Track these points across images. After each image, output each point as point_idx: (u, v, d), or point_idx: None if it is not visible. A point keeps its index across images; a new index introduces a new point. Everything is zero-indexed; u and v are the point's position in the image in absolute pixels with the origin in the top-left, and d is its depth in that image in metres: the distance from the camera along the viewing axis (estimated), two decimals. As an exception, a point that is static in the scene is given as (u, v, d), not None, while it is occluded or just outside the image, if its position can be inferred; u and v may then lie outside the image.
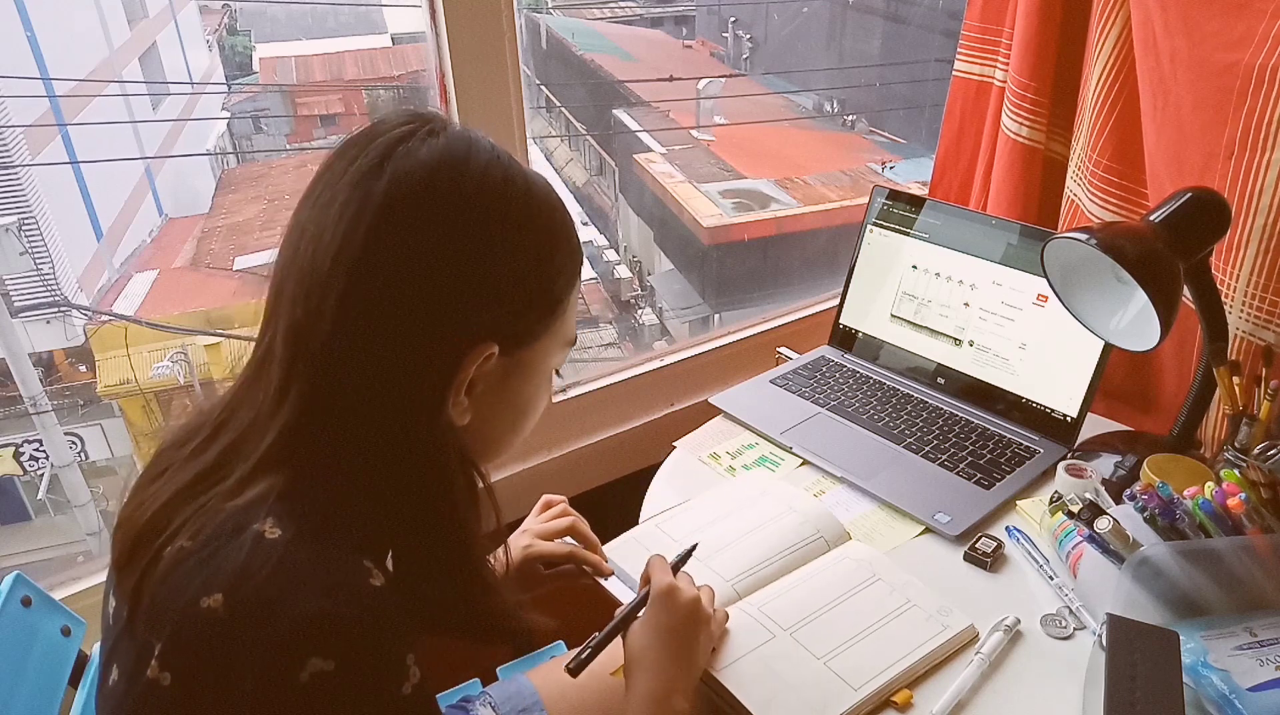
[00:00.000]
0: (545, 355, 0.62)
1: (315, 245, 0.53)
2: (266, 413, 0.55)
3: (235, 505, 0.52)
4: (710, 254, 4.55)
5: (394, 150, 0.54)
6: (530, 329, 0.59)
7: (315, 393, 0.54)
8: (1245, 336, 1.00)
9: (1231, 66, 0.93)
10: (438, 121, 0.57)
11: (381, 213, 0.52)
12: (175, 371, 3.21)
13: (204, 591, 0.49)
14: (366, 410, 0.55)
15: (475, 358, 0.56)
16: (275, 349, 0.55)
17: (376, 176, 0.53)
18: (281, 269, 0.55)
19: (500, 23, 1.04)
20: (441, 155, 0.54)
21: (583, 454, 1.35)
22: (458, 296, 0.54)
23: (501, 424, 0.63)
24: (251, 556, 0.49)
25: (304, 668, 0.48)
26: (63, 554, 3.38)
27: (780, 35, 6.02)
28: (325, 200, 0.54)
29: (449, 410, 0.56)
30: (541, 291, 0.59)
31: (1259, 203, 0.95)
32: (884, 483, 1.03)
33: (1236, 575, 0.78)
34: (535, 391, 0.63)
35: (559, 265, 0.60)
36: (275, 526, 0.51)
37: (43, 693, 0.77)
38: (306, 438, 0.54)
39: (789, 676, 0.78)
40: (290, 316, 0.54)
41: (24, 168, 2.94)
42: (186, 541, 0.51)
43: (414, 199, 0.53)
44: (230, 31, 5.32)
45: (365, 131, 0.56)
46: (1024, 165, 1.26)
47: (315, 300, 0.53)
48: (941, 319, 1.20)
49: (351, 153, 0.55)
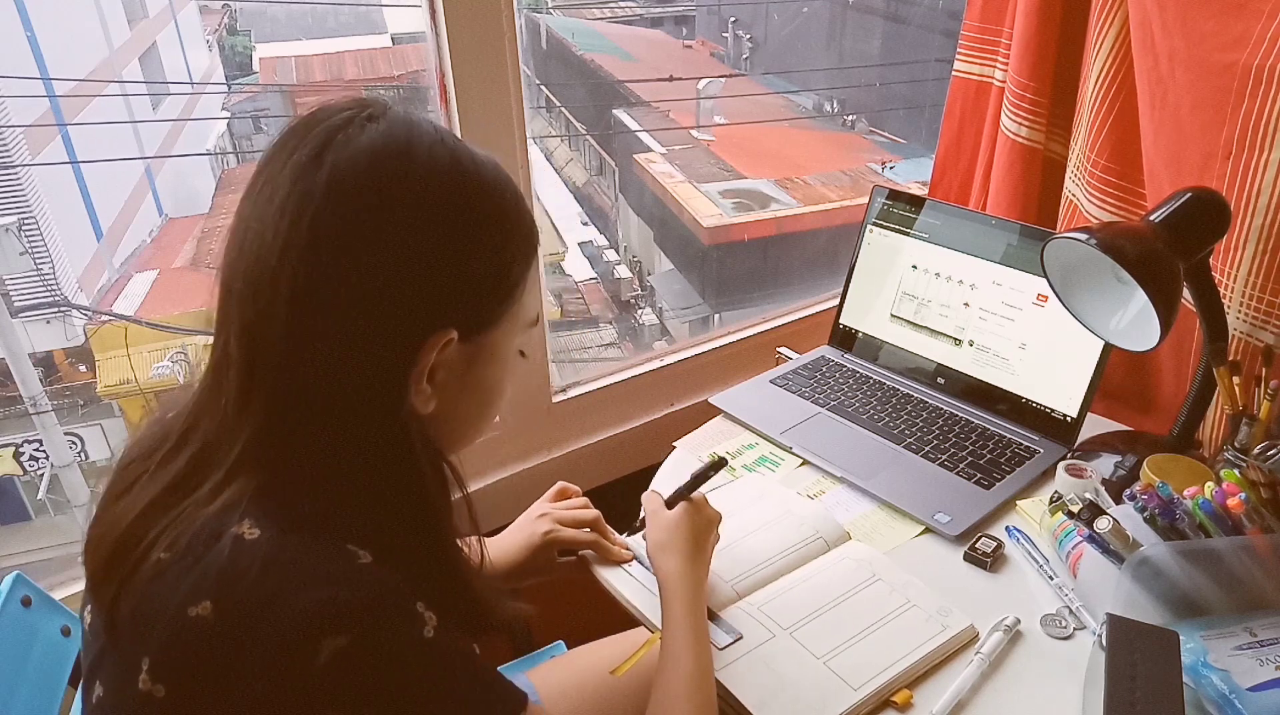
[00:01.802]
0: (506, 338, 0.61)
1: (260, 243, 0.52)
2: (231, 417, 0.54)
3: (209, 511, 0.52)
4: (710, 254, 4.55)
5: (333, 139, 0.52)
6: (489, 313, 0.58)
7: (277, 394, 0.53)
8: (1242, 337, 1.00)
9: (1229, 66, 0.93)
10: (377, 106, 0.55)
11: (322, 205, 0.51)
12: (175, 371, 3.21)
13: (190, 600, 0.49)
14: (329, 406, 0.54)
15: (434, 345, 0.55)
16: (231, 352, 0.54)
17: (315, 168, 0.52)
18: (228, 268, 0.54)
19: (500, 23, 1.04)
20: (382, 142, 0.53)
21: (583, 454, 1.35)
22: (410, 285, 0.53)
23: (467, 410, 0.62)
24: (234, 559, 0.49)
25: (319, 652, 0.48)
26: (63, 554, 3.38)
27: (780, 35, 6.02)
28: (266, 195, 0.53)
29: (412, 399, 0.56)
30: (497, 275, 0.58)
31: (1257, 203, 0.95)
32: (884, 483, 1.03)
33: (1236, 575, 0.78)
34: (499, 375, 0.62)
35: (514, 248, 0.59)
36: (253, 527, 0.50)
37: (43, 693, 0.77)
38: (274, 439, 0.54)
39: (789, 676, 0.78)
40: (242, 318, 0.53)
41: (24, 168, 2.94)
42: (164, 553, 0.51)
43: (355, 189, 0.52)
44: (230, 31, 5.32)
45: (303, 121, 0.54)
46: (1023, 165, 1.26)
47: (265, 299, 0.52)
48: (941, 319, 1.20)
49: (290, 144, 0.53)
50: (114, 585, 0.52)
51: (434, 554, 0.61)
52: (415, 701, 0.52)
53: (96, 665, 0.55)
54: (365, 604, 0.50)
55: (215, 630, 0.48)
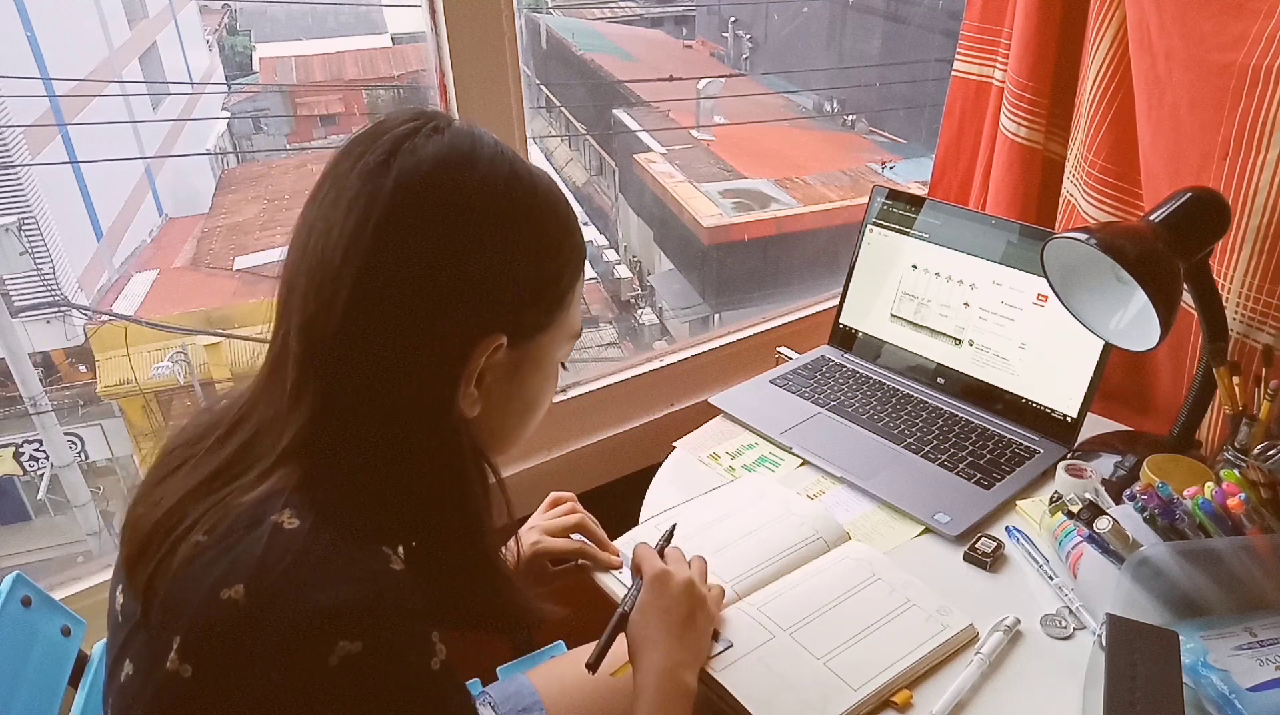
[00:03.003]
0: (552, 347, 0.63)
1: (324, 242, 0.54)
2: (284, 409, 0.56)
3: (251, 498, 0.53)
4: (710, 254, 4.55)
5: (400, 147, 0.55)
6: (537, 321, 0.60)
7: (330, 388, 0.55)
8: (1239, 337, 1.00)
9: (1227, 66, 0.93)
10: (442, 118, 0.58)
11: (389, 208, 0.53)
12: (175, 371, 3.21)
13: (224, 583, 0.49)
14: (380, 403, 0.56)
15: (484, 349, 0.56)
16: (289, 346, 0.56)
17: (383, 173, 0.54)
18: (292, 266, 0.56)
19: (500, 23, 1.05)
20: (446, 152, 0.55)
21: (583, 454, 1.35)
22: (466, 289, 0.55)
23: (510, 416, 0.64)
24: (270, 546, 0.50)
25: (333, 651, 0.48)
26: (63, 554, 3.39)
27: (780, 35, 6.03)
28: (333, 198, 0.55)
29: (460, 401, 0.57)
30: (547, 284, 0.60)
31: (1254, 203, 0.95)
32: (884, 483, 1.03)
33: (1236, 575, 0.78)
34: (542, 383, 0.65)
35: (564, 258, 0.61)
36: (294, 517, 0.51)
37: (43, 693, 0.77)
38: (323, 432, 0.55)
39: (789, 676, 0.78)
40: (302, 313, 0.55)
41: (24, 168, 2.94)
42: (202, 536, 0.52)
43: (420, 195, 0.54)
44: (230, 31, 5.32)
45: (371, 129, 0.57)
46: (1022, 166, 1.26)
47: (326, 296, 0.54)
48: (941, 319, 1.20)
49: (358, 150, 0.55)
50: (150, 565, 0.53)
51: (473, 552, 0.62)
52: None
53: (126, 645, 0.55)
54: (384, 614, 0.50)
55: (244, 614, 0.49)
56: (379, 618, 0.50)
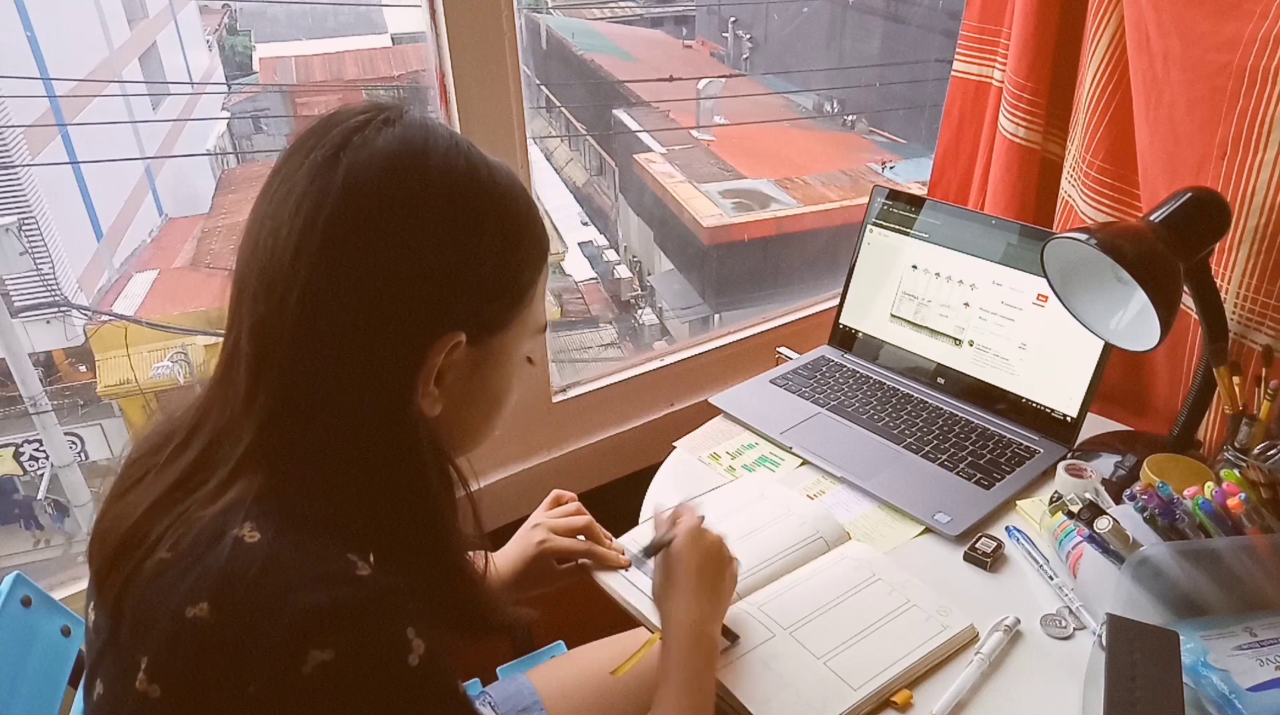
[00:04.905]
0: (514, 343, 0.62)
1: (274, 241, 0.53)
2: (239, 414, 0.55)
3: (212, 511, 0.52)
4: (710, 254, 4.55)
5: (349, 141, 0.53)
6: (498, 317, 0.59)
7: (285, 391, 0.54)
8: (1237, 338, 1.00)
9: (1224, 67, 0.93)
10: (393, 110, 0.56)
11: (338, 205, 0.52)
12: (175, 371, 3.21)
13: (189, 601, 0.49)
14: (337, 404, 0.54)
15: (442, 347, 0.55)
16: (241, 348, 0.55)
17: (332, 168, 0.52)
18: (242, 265, 0.55)
19: (500, 23, 1.05)
20: (397, 145, 0.54)
21: (583, 454, 1.35)
22: (420, 287, 0.54)
23: (474, 414, 0.62)
24: (233, 561, 0.49)
25: (305, 662, 0.48)
26: (62, 554, 3.38)
27: (780, 35, 6.03)
28: (282, 194, 0.53)
29: (419, 401, 0.56)
30: (508, 280, 0.59)
31: (1252, 203, 0.95)
32: (884, 483, 1.03)
33: (1236, 575, 0.78)
34: (506, 380, 0.63)
35: (524, 253, 0.59)
36: (254, 530, 0.51)
37: (43, 693, 0.77)
38: (281, 437, 0.54)
39: (789, 676, 0.78)
40: (254, 314, 0.54)
41: (24, 168, 2.94)
42: (166, 553, 0.51)
43: (371, 190, 0.52)
44: (230, 31, 5.32)
45: (320, 123, 0.55)
46: (1021, 166, 1.26)
47: (278, 296, 0.52)
48: (941, 319, 1.20)
49: (307, 145, 0.54)
50: (117, 583, 0.52)
51: (437, 556, 0.61)
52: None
53: (98, 663, 0.55)
54: (351, 619, 0.50)
55: (212, 632, 0.48)
56: (347, 623, 0.49)
